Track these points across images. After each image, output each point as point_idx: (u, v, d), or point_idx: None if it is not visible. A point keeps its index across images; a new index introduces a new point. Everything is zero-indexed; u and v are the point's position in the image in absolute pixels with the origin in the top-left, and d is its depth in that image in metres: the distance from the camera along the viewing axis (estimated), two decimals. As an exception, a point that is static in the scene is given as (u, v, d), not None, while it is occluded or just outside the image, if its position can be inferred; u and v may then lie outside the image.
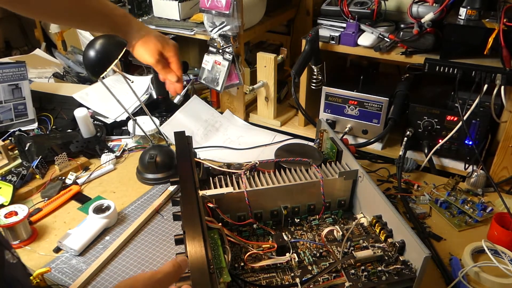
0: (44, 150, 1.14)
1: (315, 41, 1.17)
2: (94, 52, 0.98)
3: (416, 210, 0.98)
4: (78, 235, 0.89)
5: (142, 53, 0.77)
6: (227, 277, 0.63)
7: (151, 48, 0.77)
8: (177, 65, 0.82)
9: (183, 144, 0.88)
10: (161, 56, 0.79)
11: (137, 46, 0.76)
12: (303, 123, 1.36)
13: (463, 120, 1.04)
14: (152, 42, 0.77)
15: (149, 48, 0.77)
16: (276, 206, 0.83)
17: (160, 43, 0.78)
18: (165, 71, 0.81)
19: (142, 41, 0.76)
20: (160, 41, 0.78)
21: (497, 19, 0.98)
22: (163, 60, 0.79)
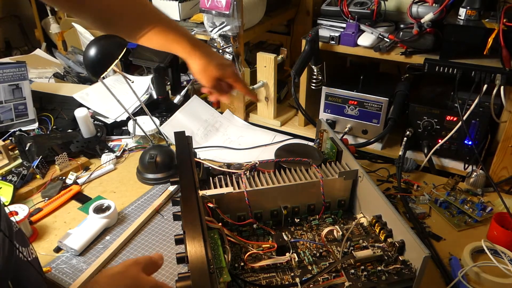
0: (45, 150, 1.14)
1: (315, 41, 1.17)
2: (95, 52, 0.98)
3: (415, 210, 0.98)
4: (78, 235, 0.89)
5: (200, 77, 0.84)
6: (227, 277, 0.63)
7: (209, 75, 0.83)
8: (241, 85, 0.88)
9: (183, 144, 0.88)
10: (218, 81, 0.85)
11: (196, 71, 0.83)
12: (303, 123, 1.36)
13: (463, 120, 1.04)
14: (210, 70, 0.83)
15: (208, 75, 0.83)
16: (276, 206, 0.83)
17: (220, 71, 0.84)
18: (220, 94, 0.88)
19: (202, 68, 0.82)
20: (220, 69, 0.84)
21: (497, 19, 0.98)
22: (218, 85, 0.85)
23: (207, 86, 0.85)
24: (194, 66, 0.83)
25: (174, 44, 0.80)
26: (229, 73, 0.86)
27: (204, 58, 0.82)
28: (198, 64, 0.82)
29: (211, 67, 0.83)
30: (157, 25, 0.79)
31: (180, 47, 0.81)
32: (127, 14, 0.77)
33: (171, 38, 0.80)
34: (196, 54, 0.81)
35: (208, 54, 0.83)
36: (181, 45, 0.81)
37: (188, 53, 0.81)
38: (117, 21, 0.77)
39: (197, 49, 0.82)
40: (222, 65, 0.85)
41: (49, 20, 1.98)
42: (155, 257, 0.51)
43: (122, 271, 0.45)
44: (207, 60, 0.82)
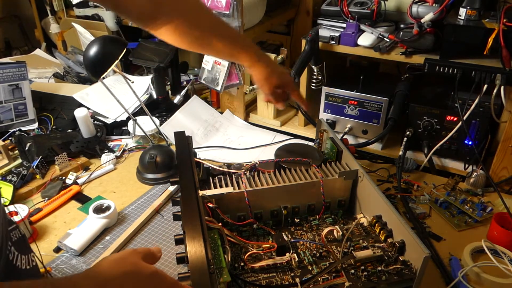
0: (44, 150, 1.14)
1: (315, 41, 1.17)
2: (95, 52, 0.98)
3: (416, 210, 0.98)
4: (78, 235, 0.89)
5: (262, 84, 0.90)
6: (227, 277, 0.63)
7: (271, 83, 0.89)
8: (297, 93, 0.96)
9: (183, 144, 0.88)
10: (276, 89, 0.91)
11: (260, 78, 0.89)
12: (303, 123, 1.36)
13: (463, 120, 1.04)
14: (274, 78, 0.89)
15: (270, 83, 0.89)
16: (276, 206, 0.83)
17: (280, 81, 0.90)
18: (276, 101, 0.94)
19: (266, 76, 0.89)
20: (280, 79, 0.90)
21: (497, 19, 0.98)
22: (276, 93, 0.91)
23: (267, 93, 0.91)
24: (259, 75, 0.88)
25: (241, 54, 0.86)
26: (288, 82, 0.93)
27: (268, 67, 0.88)
28: (263, 73, 0.88)
29: (274, 76, 0.89)
30: (226, 37, 0.84)
31: (247, 56, 0.86)
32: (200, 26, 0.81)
33: (238, 48, 0.86)
34: (261, 63, 0.87)
35: (271, 64, 0.90)
36: (248, 54, 0.86)
37: (254, 62, 0.87)
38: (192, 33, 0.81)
39: (262, 59, 0.88)
40: (283, 74, 0.92)
41: (49, 20, 1.98)
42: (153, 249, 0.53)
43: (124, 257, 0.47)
44: (271, 69, 0.88)
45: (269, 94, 0.91)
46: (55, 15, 1.93)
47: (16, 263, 0.55)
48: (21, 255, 0.57)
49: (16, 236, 0.58)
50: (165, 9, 0.75)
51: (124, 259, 0.48)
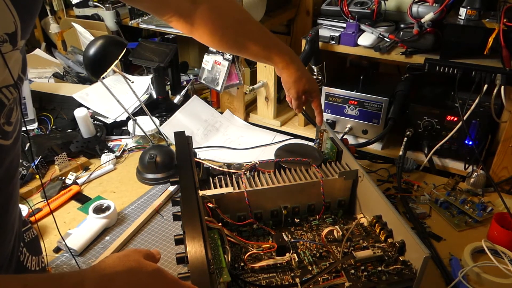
0: (44, 150, 1.14)
1: (315, 41, 1.17)
2: (94, 52, 0.98)
3: (416, 210, 0.98)
4: (78, 235, 0.89)
5: (291, 87, 0.91)
6: (227, 277, 0.63)
7: (299, 86, 0.91)
8: (317, 102, 0.96)
9: (183, 144, 0.88)
10: (302, 94, 0.92)
11: (290, 81, 0.90)
12: (303, 123, 1.36)
13: (463, 120, 1.04)
14: (303, 83, 0.90)
15: (298, 86, 0.90)
16: (276, 206, 0.83)
17: (308, 86, 0.91)
18: (298, 107, 0.95)
19: (295, 79, 0.90)
20: (309, 84, 0.91)
21: (497, 19, 0.98)
22: (301, 98, 0.93)
23: (294, 96, 0.92)
24: (288, 77, 0.90)
25: (276, 57, 0.88)
26: (315, 88, 0.94)
27: (299, 71, 0.90)
28: (294, 76, 0.89)
29: (304, 80, 0.90)
30: (261, 40, 0.86)
31: (281, 59, 0.88)
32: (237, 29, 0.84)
33: (274, 52, 0.87)
34: (294, 66, 0.89)
35: (302, 69, 0.91)
36: (282, 57, 0.88)
37: (287, 65, 0.88)
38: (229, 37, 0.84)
39: (294, 62, 0.89)
40: (311, 80, 0.93)
41: (48, 20, 1.98)
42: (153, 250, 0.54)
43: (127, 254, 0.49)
44: (301, 73, 0.90)
45: (295, 98, 0.92)
46: (55, 15, 1.93)
47: (27, 265, 0.55)
48: (32, 256, 0.57)
49: (29, 236, 0.58)
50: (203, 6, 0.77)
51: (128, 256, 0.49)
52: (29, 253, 0.56)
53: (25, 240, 0.56)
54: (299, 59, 0.93)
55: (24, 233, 0.57)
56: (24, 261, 0.55)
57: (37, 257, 0.59)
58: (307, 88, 0.92)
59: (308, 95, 0.94)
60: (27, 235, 0.58)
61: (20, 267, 0.54)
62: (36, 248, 0.59)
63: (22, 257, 0.54)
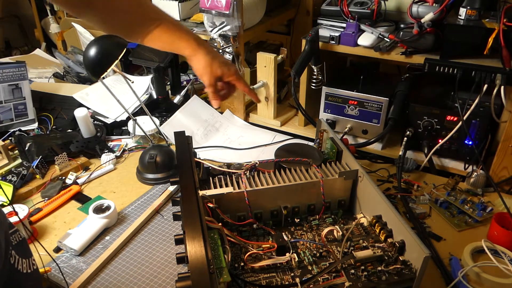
0: (44, 150, 1.14)
1: (315, 41, 1.17)
2: (95, 52, 0.98)
3: (416, 210, 0.98)
4: (78, 235, 0.89)
5: (202, 73, 0.84)
6: (227, 277, 0.63)
7: (212, 72, 0.83)
8: (242, 83, 0.89)
9: (183, 144, 0.88)
10: (217, 81, 0.85)
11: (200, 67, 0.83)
12: (303, 123, 1.36)
13: (463, 120, 1.04)
14: (214, 67, 0.83)
15: (210, 71, 0.83)
16: (276, 206, 0.83)
17: (221, 70, 0.84)
18: (213, 95, 0.87)
19: (206, 64, 0.83)
20: (221, 67, 0.84)
21: (497, 19, 0.98)
22: (216, 86, 0.86)
23: (208, 84, 0.85)
24: (199, 63, 0.83)
25: (180, 42, 0.81)
26: (232, 72, 0.86)
27: (208, 55, 0.82)
28: (203, 61, 0.82)
29: (215, 65, 0.83)
30: (162, 24, 0.79)
31: (186, 44, 0.81)
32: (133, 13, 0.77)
33: (176, 36, 0.81)
34: (201, 51, 0.82)
35: (212, 52, 0.84)
36: (187, 42, 0.81)
37: (193, 50, 0.81)
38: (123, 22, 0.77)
39: (202, 46, 0.82)
40: (225, 63, 0.86)
41: (49, 20, 1.98)
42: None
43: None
44: (211, 57, 0.83)
45: (208, 85, 0.85)
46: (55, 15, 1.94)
47: (18, 267, 0.55)
48: (22, 258, 0.56)
49: (16, 239, 0.57)
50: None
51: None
52: (18, 255, 0.56)
53: (12, 243, 0.56)
54: (207, 43, 0.86)
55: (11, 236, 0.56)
56: (15, 263, 0.54)
57: (28, 259, 0.58)
58: (220, 73, 0.84)
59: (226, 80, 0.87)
60: (14, 238, 0.57)
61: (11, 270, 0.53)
62: (25, 251, 0.59)
63: (13, 260, 0.54)
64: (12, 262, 0.54)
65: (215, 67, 0.83)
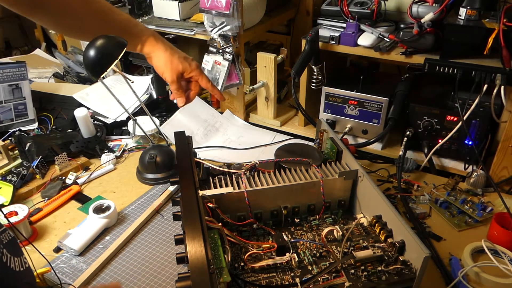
0: (44, 150, 1.14)
1: (315, 41, 1.17)
2: (94, 52, 0.97)
3: (416, 210, 0.98)
4: (78, 235, 0.89)
5: (163, 70, 0.82)
6: (227, 277, 0.63)
7: (173, 68, 0.82)
8: (205, 80, 0.87)
9: (183, 144, 0.88)
10: (180, 77, 0.83)
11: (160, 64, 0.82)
12: (303, 123, 1.36)
13: (463, 120, 1.04)
14: (175, 63, 0.81)
15: (172, 68, 0.82)
16: (276, 206, 0.83)
17: (182, 65, 0.82)
18: (177, 92, 0.85)
19: (166, 60, 0.81)
20: (182, 63, 0.82)
21: (497, 19, 0.98)
22: (179, 82, 0.84)
23: (170, 80, 0.83)
24: (158, 59, 0.81)
25: (137, 40, 0.79)
26: (193, 67, 0.84)
27: (167, 51, 0.81)
28: (163, 57, 0.81)
29: (175, 60, 0.82)
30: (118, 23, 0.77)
31: (143, 41, 0.79)
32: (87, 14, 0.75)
33: (134, 34, 0.79)
34: (160, 47, 0.80)
35: (171, 48, 0.82)
36: (144, 39, 0.79)
37: (152, 46, 0.80)
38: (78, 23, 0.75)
39: (160, 42, 0.81)
40: (185, 58, 0.84)
41: (49, 20, 1.98)
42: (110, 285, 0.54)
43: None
44: (171, 53, 0.81)
45: (170, 81, 0.83)
46: (55, 15, 1.93)
47: (10, 265, 0.55)
48: (13, 257, 0.56)
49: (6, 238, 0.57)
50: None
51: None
52: (10, 254, 0.56)
53: (3, 241, 0.56)
54: (164, 39, 0.84)
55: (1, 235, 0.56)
56: (7, 261, 0.54)
57: (19, 258, 0.58)
58: (182, 69, 0.83)
59: (188, 77, 0.85)
60: (4, 237, 0.57)
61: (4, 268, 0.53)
62: (15, 249, 0.59)
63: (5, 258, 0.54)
64: (4, 261, 0.54)
65: (176, 62, 0.82)
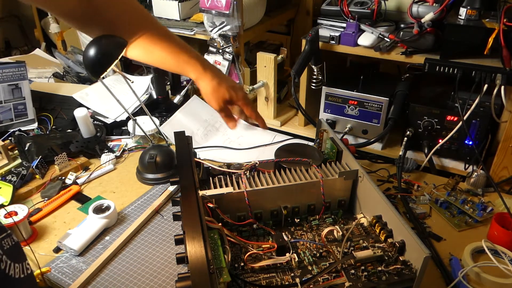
0: (44, 150, 1.14)
1: (315, 41, 1.17)
2: (94, 52, 0.98)
3: (416, 210, 0.98)
4: (78, 235, 0.89)
5: (210, 99, 0.85)
6: (227, 277, 0.63)
7: (219, 97, 0.84)
8: (250, 109, 0.90)
9: (183, 144, 0.88)
10: (226, 104, 0.86)
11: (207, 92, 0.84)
12: (303, 123, 1.36)
13: (463, 120, 1.04)
14: (221, 92, 0.84)
15: (218, 96, 0.84)
16: (276, 206, 0.83)
17: (229, 93, 0.85)
18: (226, 118, 0.89)
19: (213, 89, 0.83)
20: (228, 91, 0.85)
21: (497, 19, 0.98)
22: (226, 109, 0.87)
23: (216, 108, 0.86)
24: (206, 87, 0.84)
25: (186, 66, 0.81)
26: (240, 96, 0.87)
27: (215, 79, 0.83)
28: (210, 85, 0.83)
29: (222, 89, 0.84)
30: (169, 47, 0.79)
31: (192, 68, 0.81)
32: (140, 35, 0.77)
33: (183, 60, 0.81)
34: (208, 75, 0.82)
35: (219, 76, 0.84)
36: (193, 66, 0.81)
37: (200, 73, 0.82)
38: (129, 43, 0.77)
39: (208, 70, 0.82)
40: (233, 87, 0.86)
41: (48, 20, 1.98)
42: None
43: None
44: (218, 81, 0.83)
45: (218, 109, 0.86)
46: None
47: (9, 273, 0.54)
48: (14, 263, 0.56)
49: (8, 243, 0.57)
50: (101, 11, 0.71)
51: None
52: (10, 260, 0.55)
53: (4, 247, 0.55)
54: (215, 66, 0.86)
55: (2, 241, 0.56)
56: (6, 269, 0.54)
57: (21, 264, 0.58)
58: (228, 98, 0.85)
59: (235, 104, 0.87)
60: (6, 242, 0.57)
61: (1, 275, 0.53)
62: (18, 255, 0.58)
63: (3, 265, 0.53)
64: (2, 268, 0.53)
65: (222, 91, 0.84)
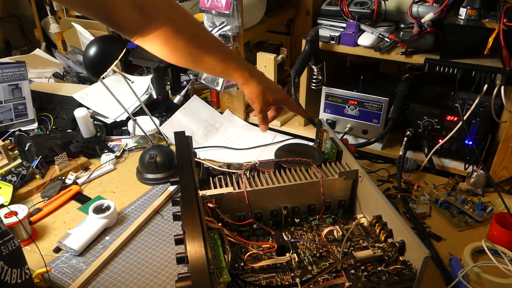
0: (44, 150, 1.14)
1: (315, 41, 1.17)
2: (94, 52, 0.98)
3: (416, 210, 0.98)
4: (78, 235, 0.89)
5: (254, 102, 0.90)
6: (227, 277, 0.63)
7: (263, 101, 0.90)
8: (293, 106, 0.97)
9: (183, 144, 0.88)
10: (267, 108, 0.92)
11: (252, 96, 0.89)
12: (303, 123, 1.36)
13: (463, 120, 1.04)
14: (267, 96, 0.89)
15: (262, 101, 0.89)
16: (276, 206, 0.83)
17: (273, 97, 0.90)
18: (263, 121, 0.94)
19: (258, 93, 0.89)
20: (273, 95, 0.90)
21: (497, 19, 0.98)
22: (264, 112, 0.92)
23: (259, 110, 0.91)
24: (251, 92, 0.88)
25: (234, 72, 0.86)
26: (283, 97, 0.93)
27: (260, 84, 0.88)
28: (256, 91, 0.88)
29: (268, 93, 0.89)
30: (219, 54, 0.84)
31: (240, 74, 0.86)
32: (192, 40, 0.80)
33: (231, 67, 0.86)
34: (254, 81, 0.87)
35: (264, 81, 0.89)
36: (241, 72, 0.86)
37: (246, 79, 0.87)
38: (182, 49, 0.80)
39: (254, 77, 0.87)
40: (277, 90, 0.92)
41: (48, 20, 1.98)
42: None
43: None
44: (263, 87, 0.88)
45: (258, 111, 0.91)
46: (55, 15, 1.94)
47: (5, 278, 0.54)
48: (11, 269, 0.55)
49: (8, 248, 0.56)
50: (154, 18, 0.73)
51: None
52: (8, 266, 0.54)
53: (2, 253, 0.55)
54: (260, 72, 0.91)
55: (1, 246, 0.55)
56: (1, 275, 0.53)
57: (19, 269, 0.57)
58: (272, 101, 0.91)
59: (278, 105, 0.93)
60: (6, 247, 0.56)
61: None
62: (17, 260, 0.57)
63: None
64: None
65: (268, 95, 0.89)
